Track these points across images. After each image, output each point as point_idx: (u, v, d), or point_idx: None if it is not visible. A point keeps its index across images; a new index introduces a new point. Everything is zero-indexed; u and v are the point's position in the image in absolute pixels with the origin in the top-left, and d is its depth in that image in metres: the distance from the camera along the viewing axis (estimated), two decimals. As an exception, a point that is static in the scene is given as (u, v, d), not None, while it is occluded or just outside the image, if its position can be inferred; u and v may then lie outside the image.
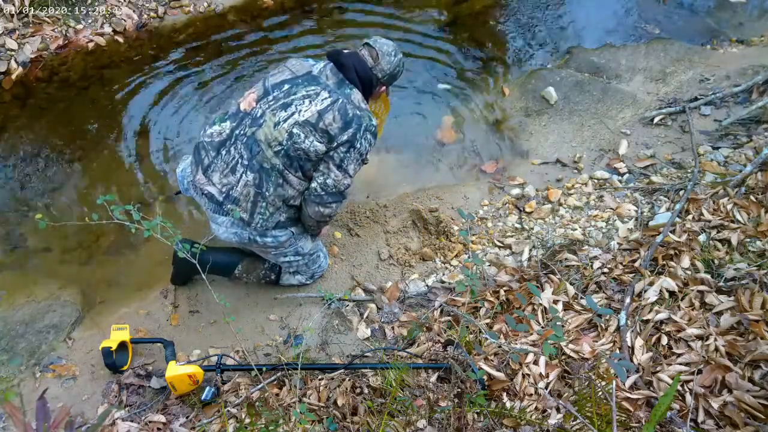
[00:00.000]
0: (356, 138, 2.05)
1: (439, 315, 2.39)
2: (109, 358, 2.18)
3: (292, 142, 2.01)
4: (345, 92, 2.09)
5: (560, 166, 3.09)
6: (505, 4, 4.29)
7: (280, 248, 2.26)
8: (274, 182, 2.06)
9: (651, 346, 2.01)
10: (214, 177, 2.10)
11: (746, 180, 2.58)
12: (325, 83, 2.08)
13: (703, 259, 2.23)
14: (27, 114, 3.29)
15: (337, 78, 2.11)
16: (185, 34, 3.83)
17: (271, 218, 2.14)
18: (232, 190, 2.08)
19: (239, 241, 2.19)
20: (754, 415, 1.68)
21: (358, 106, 2.08)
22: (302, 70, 2.13)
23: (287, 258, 2.34)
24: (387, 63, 2.20)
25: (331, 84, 2.09)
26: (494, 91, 3.61)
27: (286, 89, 2.07)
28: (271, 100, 2.07)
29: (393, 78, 2.27)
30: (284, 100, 2.06)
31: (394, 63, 2.21)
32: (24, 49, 3.46)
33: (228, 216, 2.12)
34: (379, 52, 2.18)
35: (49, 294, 2.52)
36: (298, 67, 2.15)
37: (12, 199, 2.91)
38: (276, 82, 2.11)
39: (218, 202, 2.11)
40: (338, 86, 2.10)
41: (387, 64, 2.20)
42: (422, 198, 2.94)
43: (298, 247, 2.32)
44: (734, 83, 3.38)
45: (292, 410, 1.92)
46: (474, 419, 1.82)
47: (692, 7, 4.26)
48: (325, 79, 2.10)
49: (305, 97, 2.04)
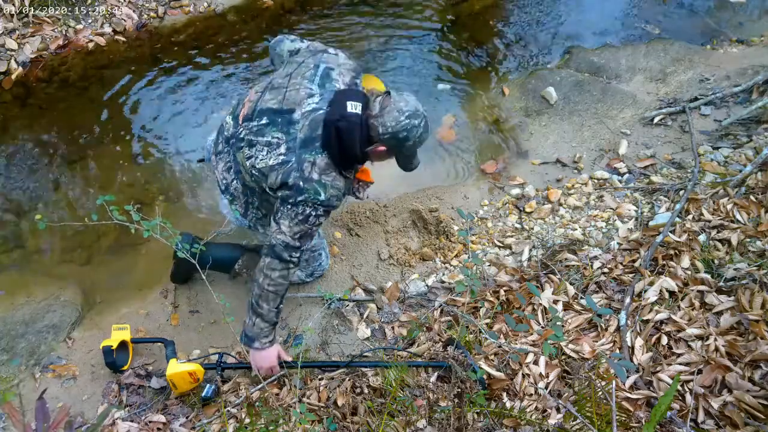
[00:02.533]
0: (289, 200, 1.86)
1: (439, 315, 2.39)
2: (109, 357, 2.17)
3: (257, 179, 1.97)
4: (303, 156, 1.83)
5: (560, 166, 3.09)
6: (504, 4, 4.29)
7: None
8: (258, 197, 2.11)
9: (651, 346, 2.01)
10: (219, 165, 2.15)
11: (746, 180, 2.58)
12: (294, 135, 1.85)
13: (703, 259, 2.23)
14: (27, 114, 3.28)
15: (311, 133, 1.84)
16: (185, 34, 3.83)
17: (264, 218, 2.18)
18: (229, 185, 2.15)
19: (241, 225, 2.26)
20: (754, 415, 1.68)
21: (306, 176, 1.82)
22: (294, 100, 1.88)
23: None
24: (392, 120, 1.82)
25: (299, 139, 1.84)
26: (494, 91, 3.61)
27: (263, 124, 1.91)
28: (250, 127, 1.94)
29: (398, 142, 1.87)
30: (253, 137, 1.92)
31: (401, 123, 1.82)
32: (24, 49, 3.46)
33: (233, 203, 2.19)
34: (392, 103, 1.84)
35: (49, 294, 2.52)
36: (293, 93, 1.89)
37: (12, 199, 2.91)
38: (265, 107, 1.93)
39: (221, 189, 2.19)
40: (303, 144, 1.84)
41: (392, 120, 1.82)
42: (422, 198, 2.94)
43: None
44: (734, 83, 3.38)
45: (292, 410, 1.92)
46: (474, 419, 1.82)
47: (692, 7, 4.26)
48: (298, 129, 1.85)
49: (267, 144, 1.88)
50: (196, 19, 3.91)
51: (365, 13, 4.09)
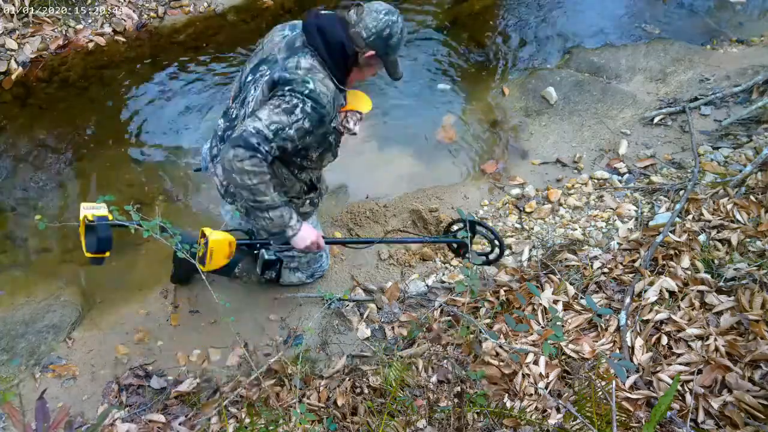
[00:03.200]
0: (276, 94, 1.79)
1: (439, 315, 2.39)
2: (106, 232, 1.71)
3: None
4: (286, 62, 1.82)
5: (560, 166, 3.09)
6: (504, 4, 4.29)
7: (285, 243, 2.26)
8: None
9: (651, 346, 2.01)
10: (218, 169, 2.10)
11: (746, 180, 2.58)
12: (273, 59, 1.87)
13: (703, 259, 2.23)
14: (27, 114, 3.28)
15: (290, 47, 1.85)
16: (185, 34, 3.83)
17: None
18: (230, 186, 2.07)
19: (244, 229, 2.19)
20: (754, 415, 1.68)
21: (287, 68, 1.80)
22: (271, 50, 1.91)
23: (291, 252, 2.33)
24: (373, 20, 1.82)
25: (280, 57, 1.85)
26: (494, 91, 3.61)
27: (249, 81, 1.92)
28: (240, 100, 1.96)
29: (384, 41, 1.84)
30: (245, 95, 1.93)
31: (382, 21, 1.82)
32: (24, 49, 3.46)
33: (233, 204, 2.13)
34: (366, 8, 1.85)
35: (49, 294, 2.52)
36: (269, 46, 1.92)
37: (12, 199, 2.91)
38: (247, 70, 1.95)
39: (221, 193, 2.14)
40: (286, 58, 1.83)
41: (373, 20, 1.81)
42: (422, 198, 2.94)
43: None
44: (734, 83, 3.38)
45: (292, 410, 1.92)
46: (474, 419, 1.81)
47: (692, 7, 4.26)
48: (276, 53, 1.87)
49: (253, 83, 1.89)
50: (196, 19, 3.91)
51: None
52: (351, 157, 3.21)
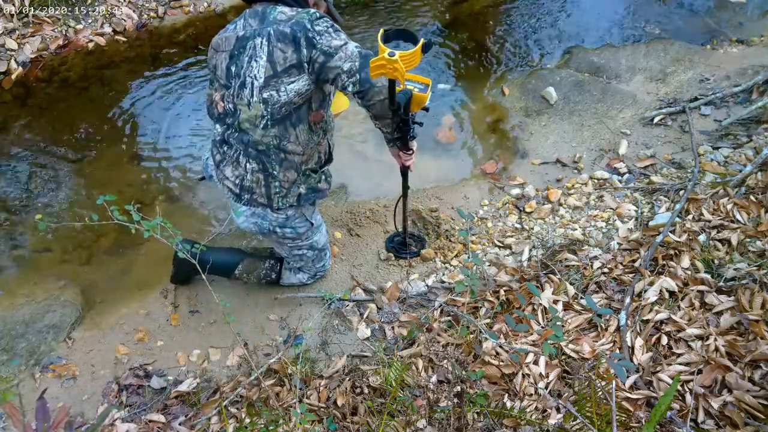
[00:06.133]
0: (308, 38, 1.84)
1: (439, 315, 2.39)
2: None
3: (271, 106, 1.92)
4: (269, 21, 1.91)
5: (560, 166, 3.09)
6: (504, 4, 4.29)
7: (296, 240, 2.26)
8: (276, 159, 2.02)
9: (651, 346, 2.01)
10: (226, 171, 2.10)
11: (746, 180, 2.58)
12: (251, 32, 1.93)
13: (703, 259, 2.23)
14: (27, 114, 3.29)
15: (258, 16, 1.96)
16: (185, 34, 3.83)
17: (290, 194, 2.10)
18: (244, 180, 2.07)
19: (258, 231, 2.18)
20: (754, 415, 1.68)
21: (287, 18, 1.89)
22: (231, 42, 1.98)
23: (301, 251, 2.33)
24: None
25: (256, 26, 1.94)
26: (494, 91, 3.61)
27: (234, 70, 1.96)
28: (233, 91, 1.98)
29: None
30: (239, 80, 1.95)
31: None
32: (24, 49, 3.46)
33: (248, 206, 2.12)
34: None
35: (49, 294, 2.52)
36: (225, 44, 1.99)
37: (12, 199, 2.91)
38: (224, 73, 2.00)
39: (236, 194, 2.11)
40: (262, 21, 1.93)
41: None
42: (422, 198, 2.94)
43: (314, 241, 2.33)
44: (734, 83, 3.38)
45: (292, 410, 1.92)
46: (474, 419, 1.81)
47: (692, 7, 4.26)
48: (249, 28, 1.95)
49: (249, 60, 1.92)
50: (196, 19, 3.92)
51: (364, 13, 4.09)
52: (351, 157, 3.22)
